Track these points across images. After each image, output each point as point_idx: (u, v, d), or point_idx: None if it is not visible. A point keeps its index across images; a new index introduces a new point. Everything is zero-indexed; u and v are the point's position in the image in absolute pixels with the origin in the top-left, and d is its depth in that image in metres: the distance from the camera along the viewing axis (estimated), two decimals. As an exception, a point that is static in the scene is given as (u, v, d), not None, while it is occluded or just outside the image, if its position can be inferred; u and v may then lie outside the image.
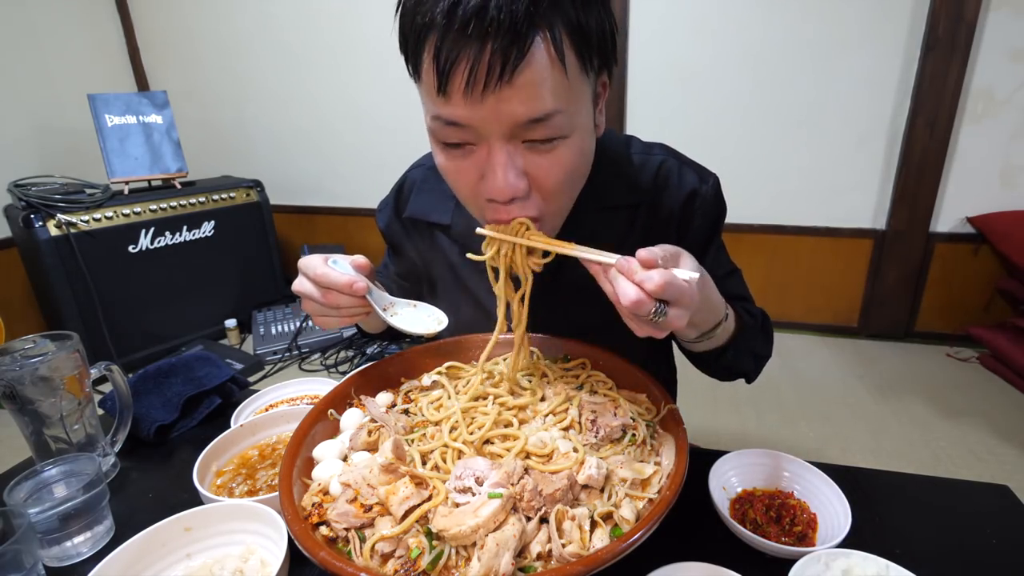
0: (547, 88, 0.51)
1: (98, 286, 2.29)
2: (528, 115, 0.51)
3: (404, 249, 0.89)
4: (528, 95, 0.50)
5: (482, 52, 0.48)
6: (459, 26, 0.47)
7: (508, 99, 0.50)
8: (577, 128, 0.56)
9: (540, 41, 0.49)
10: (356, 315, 0.66)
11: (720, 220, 0.78)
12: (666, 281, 0.46)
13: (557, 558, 0.48)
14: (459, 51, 0.48)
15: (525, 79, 0.49)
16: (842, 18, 2.16)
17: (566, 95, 0.52)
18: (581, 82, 0.54)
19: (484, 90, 0.49)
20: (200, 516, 0.60)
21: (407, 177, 0.87)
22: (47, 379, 0.69)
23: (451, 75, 0.50)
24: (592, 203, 0.71)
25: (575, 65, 0.52)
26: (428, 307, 0.69)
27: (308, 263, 0.63)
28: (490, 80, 0.49)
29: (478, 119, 0.52)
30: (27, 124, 2.66)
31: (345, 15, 2.73)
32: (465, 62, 0.49)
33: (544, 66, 0.50)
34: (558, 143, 0.55)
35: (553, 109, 0.52)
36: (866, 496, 0.67)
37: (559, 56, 0.50)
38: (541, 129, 0.53)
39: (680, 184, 0.74)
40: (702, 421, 1.98)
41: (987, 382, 2.16)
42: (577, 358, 0.74)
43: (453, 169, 0.59)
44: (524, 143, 0.54)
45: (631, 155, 0.75)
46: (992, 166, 2.20)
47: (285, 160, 3.16)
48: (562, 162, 0.56)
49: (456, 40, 0.48)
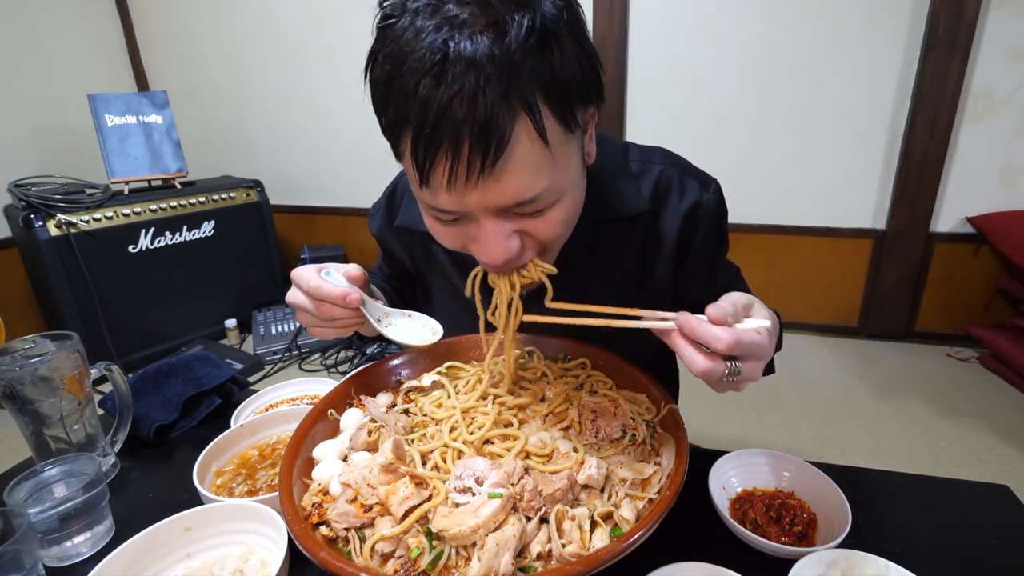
0: (531, 171, 0.49)
1: (98, 286, 2.29)
2: (514, 199, 0.50)
3: (397, 255, 0.88)
4: (512, 182, 0.48)
5: (460, 149, 0.45)
6: (432, 126, 0.45)
7: (492, 189, 0.48)
8: (567, 188, 0.54)
9: (520, 127, 0.46)
10: (351, 326, 0.66)
11: (724, 228, 0.77)
12: (736, 340, 0.45)
13: (557, 558, 0.48)
14: (436, 150, 0.46)
15: (508, 168, 0.47)
16: (842, 17, 2.16)
17: (551, 169, 0.50)
18: (566, 144, 0.52)
19: (467, 183, 0.47)
20: (200, 516, 0.60)
21: (398, 182, 0.86)
22: (47, 379, 0.69)
23: (431, 173, 0.48)
24: (590, 217, 0.69)
25: (558, 133, 0.49)
26: (423, 317, 0.68)
27: (301, 275, 0.62)
28: (471, 176, 0.47)
29: (464, 207, 0.51)
30: (27, 124, 2.66)
31: (345, 15, 2.73)
32: (444, 161, 0.46)
33: (526, 150, 0.47)
34: (549, 208, 0.54)
35: (539, 191, 0.50)
36: (866, 496, 0.67)
37: (540, 135, 0.47)
38: (530, 206, 0.52)
39: (681, 195, 0.72)
40: (702, 421, 1.98)
41: (987, 382, 2.16)
42: (577, 358, 0.74)
43: (444, 234, 0.58)
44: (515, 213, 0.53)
45: (629, 164, 0.73)
46: (992, 166, 2.20)
47: (285, 160, 3.16)
48: (554, 221, 0.55)
49: (431, 139, 0.45)
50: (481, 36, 0.44)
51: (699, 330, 0.46)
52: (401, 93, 0.46)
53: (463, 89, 0.43)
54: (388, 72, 0.47)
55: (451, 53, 0.43)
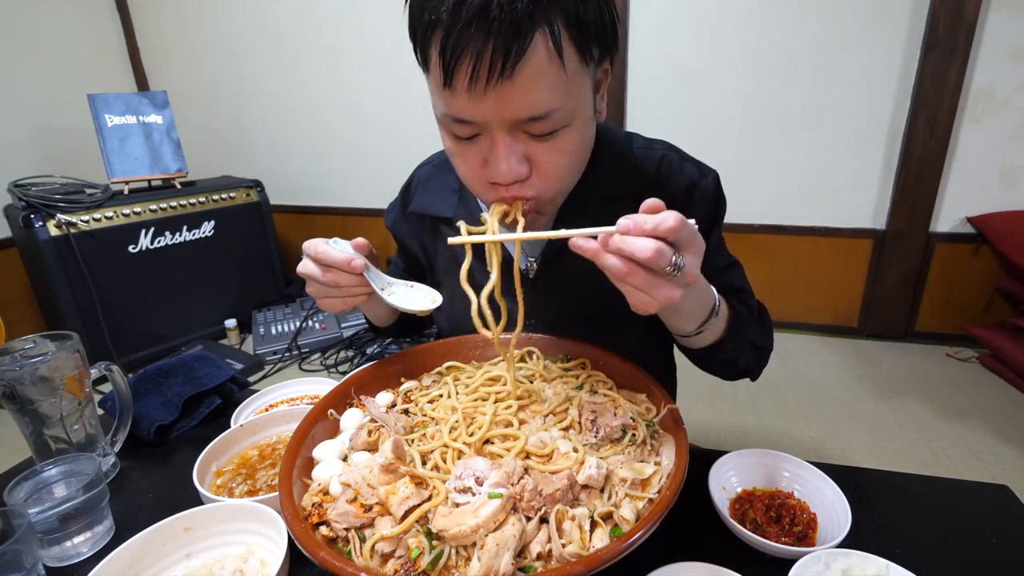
0: (546, 85, 0.53)
1: (98, 286, 2.29)
2: (528, 112, 0.54)
3: (409, 245, 0.90)
4: (528, 92, 0.52)
5: (484, 48, 0.50)
6: (463, 23, 0.49)
7: (509, 95, 0.52)
8: (577, 118, 0.58)
9: (539, 37, 0.50)
10: (357, 295, 0.69)
11: (720, 214, 0.78)
12: (679, 218, 0.46)
13: (557, 558, 0.48)
14: (463, 47, 0.50)
15: (525, 76, 0.51)
16: (842, 18, 2.16)
17: (565, 91, 0.54)
18: (581, 74, 0.56)
19: (486, 86, 0.51)
20: (200, 516, 0.60)
21: (414, 175, 0.90)
22: (47, 379, 0.69)
23: (456, 71, 0.51)
24: (595, 193, 0.72)
25: (574, 59, 0.54)
26: (424, 287, 0.71)
27: (310, 244, 0.66)
28: (491, 76, 0.51)
29: (481, 114, 0.54)
30: (27, 124, 2.66)
31: (345, 15, 2.73)
32: (468, 58, 0.50)
33: (543, 63, 0.51)
34: (559, 132, 0.57)
35: (552, 107, 0.54)
36: (866, 496, 0.67)
37: (558, 52, 0.52)
38: (541, 124, 0.55)
39: (681, 176, 0.75)
40: (702, 421, 1.98)
41: (987, 382, 2.16)
42: (577, 358, 0.74)
43: (460, 154, 0.61)
44: (526, 133, 0.56)
45: (633, 149, 0.76)
46: (992, 166, 2.20)
47: (285, 160, 3.16)
48: (562, 149, 0.59)
49: (460, 36, 0.50)
50: None
51: (647, 223, 0.46)
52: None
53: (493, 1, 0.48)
54: None
55: None
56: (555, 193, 0.64)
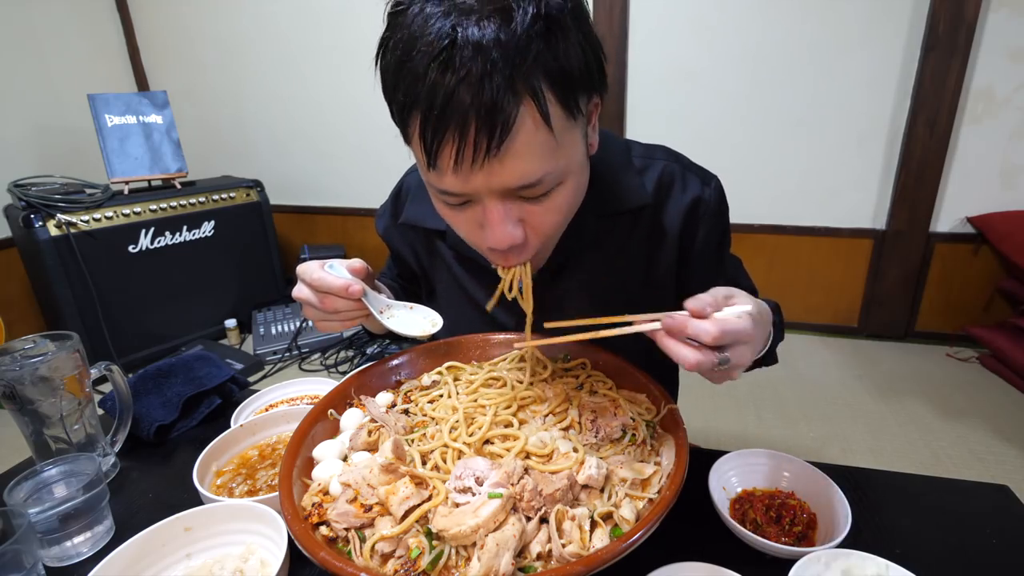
0: (535, 154, 0.50)
1: (98, 286, 2.29)
2: (519, 183, 0.52)
3: (402, 253, 0.89)
4: (516, 165, 0.50)
5: (466, 131, 0.47)
6: (441, 106, 0.46)
7: (497, 171, 0.50)
8: (570, 173, 0.56)
9: (524, 110, 0.48)
10: (355, 318, 0.67)
11: (726, 224, 0.78)
12: (721, 331, 0.46)
13: (557, 558, 0.48)
14: (444, 131, 0.47)
15: (512, 150, 0.49)
16: (842, 18, 2.16)
17: (555, 154, 0.52)
18: (570, 130, 0.53)
19: (472, 165, 0.49)
20: (200, 516, 0.60)
21: (403, 182, 0.88)
22: (47, 379, 0.69)
23: (439, 154, 0.49)
24: (594, 210, 0.71)
25: (562, 118, 0.51)
26: (424, 309, 0.70)
27: (305, 269, 0.64)
28: (477, 156, 0.48)
29: (470, 189, 0.53)
30: (27, 124, 2.66)
31: (345, 15, 2.73)
32: (451, 141, 0.48)
33: (531, 134, 0.49)
34: (552, 192, 0.56)
35: (543, 174, 0.52)
36: (866, 496, 0.67)
37: (545, 120, 0.49)
38: (534, 190, 0.54)
39: (683, 190, 0.74)
40: (702, 421, 1.98)
41: (987, 382, 2.16)
42: (577, 358, 0.74)
43: (452, 218, 0.60)
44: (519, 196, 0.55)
45: (632, 160, 0.75)
46: (992, 166, 2.20)
47: (285, 160, 3.16)
48: (557, 208, 0.57)
49: (440, 121, 0.47)
50: (488, 22, 0.45)
51: (687, 327, 0.47)
52: (410, 77, 0.47)
53: (470, 73, 0.45)
54: (399, 57, 0.48)
55: (459, 39, 0.45)
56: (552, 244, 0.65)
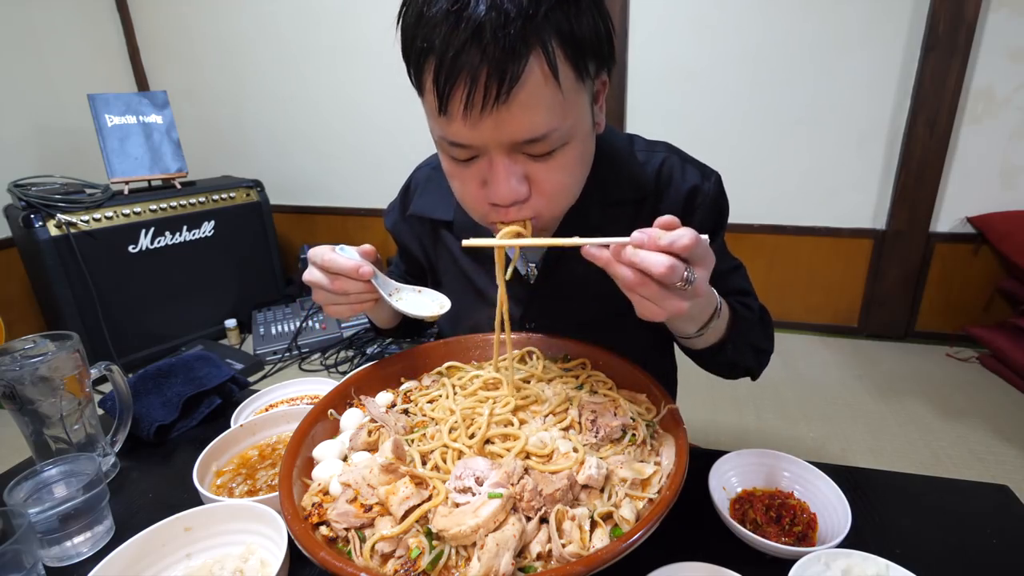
0: (543, 107, 0.52)
1: (98, 286, 2.29)
2: (525, 135, 0.53)
3: (410, 247, 0.90)
4: (524, 115, 0.51)
5: (478, 75, 0.49)
6: (456, 50, 0.48)
7: (505, 120, 0.51)
8: (576, 135, 0.57)
9: (534, 60, 0.49)
10: (364, 302, 0.68)
11: (723, 217, 0.78)
12: (694, 236, 0.46)
13: (557, 558, 0.48)
14: (457, 74, 0.49)
15: (521, 100, 0.50)
16: (842, 18, 2.16)
17: (562, 111, 0.53)
18: (578, 91, 0.55)
19: (482, 111, 0.50)
20: (200, 516, 0.60)
21: (413, 177, 0.90)
22: (47, 379, 0.69)
23: (450, 97, 0.51)
24: (596, 198, 0.72)
25: (570, 77, 0.53)
26: (432, 292, 0.71)
27: (316, 252, 0.65)
28: (487, 102, 0.50)
29: (478, 137, 0.54)
30: (27, 124, 2.66)
31: (345, 15, 2.73)
32: (463, 85, 0.50)
33: (539, 85, 0.51)
34: (557, 151, 0.57)
35: (550, 129, 0.53)
36: (866, 496, 0.67)
37: (554, 73, 0.51)
38: (540, 145, 0.55)
39: (683, 180, 0.75)
40: (702, 421, 1.98)
41: (987, 382, 2.16)
42: (577, 358, 0.74)
43: (458, 176, 0.61)
44: (525, 154, 0.56)
45: (635, 152, 0.76)
46: (992, 166, 2.20)
47: (285, 160, 3.16)
48: (562, 167, 0.58)
49: (453, 64, 0.49)
50: None
51: (662, 239, 0.47)
52: (429, 24, 0.50)
53: (484, 22, 0.47)
54: (418, 9, 0.51)
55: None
56: (555, 211, 0.64)
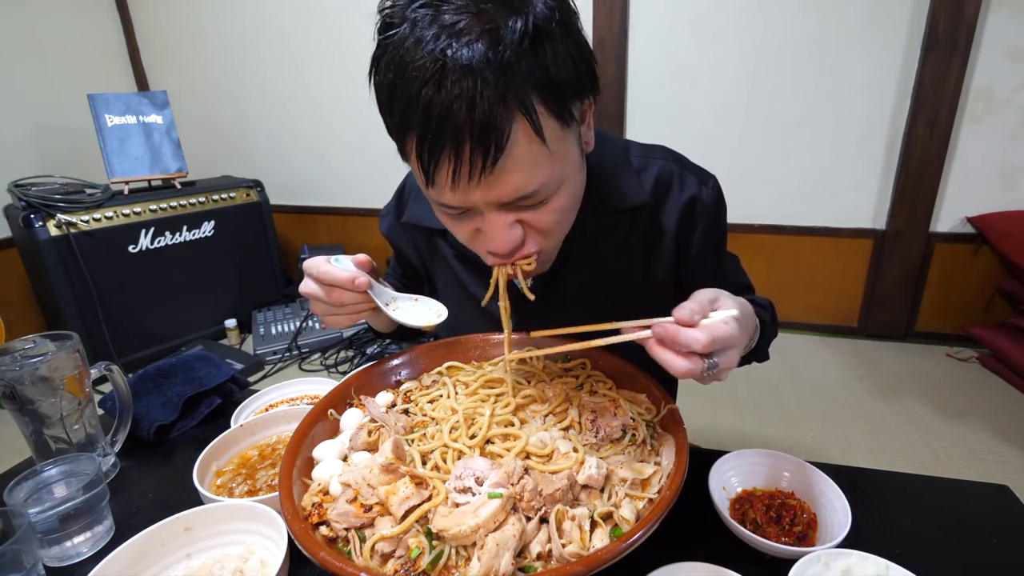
0: (530, 167, 0.51)
1: (98, 286, 2.29)
2: (515, 195, 0.53)
3: (405, 252, 0.90)
4: (512, 178, 0.51)
5: (461, 151, 0.48)
6: (436, 129, 0.47)
7: (494, 185, 0.51)
8: (566, 179, 0.57)
9: (517, 127, 0.48)
10: (362, 311, 0.68)
11: (723, 223, 0.78)
12: (710, 339, 0.46)
13: (557, 558, 0.48)
14: (440, 152, 0.49)
15: (508, 166, 0.50)
16: (842, 18, 2.16)
17: (550, 164, 0.53)
18: (564, 139, 0.54)
19: (469, 182, 0.50)
20: (200, 516, 0.60)
21: (406, 182, 0.89)
22: (47, 379, 0.69)
23: (436, 173, 0.50)
24: (593, 208, 0.71)
25: (555, 129, 0.52)
26: (429, 300, 0.70)
27: (311, 263, 0.65)
28: (472, 174, 0.49)
29: (468, 203, 0.54)
30: (27, 124, 2.66)
31: (345, 15, 2.73)
32: (447, 163, 0.49)
33: (524, 148, 0.50)
34: (550, 198, 0.57)
35: (539, 185, 0.53)
36: (866, 496, 0.67)
37: (538, 133, 0.50)
38: (530, 200, 0.55)
39: (681, 189, 0.74)
40: (702, 421, 1.98)
41: (987, 382, 2.16)
42: (577, 358, 0.74)
43: (454, 227, 0.61)
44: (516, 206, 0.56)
45: (631, 159, 0.75)
46: (992, 166, 2.20)
47: (285, 160, 3.16)
48: (555, 210, 0.58)
49: (435, 143, 0.48)
50: (477, 43, 0.46)
51: (678, 337, 0.47)
52: (404, 99, 0.48)
53: (462, 94, 0.46)
54: (391, 79, 0.50)
55: (449, 61, 0.46)
56: (554, 244, 0.65)
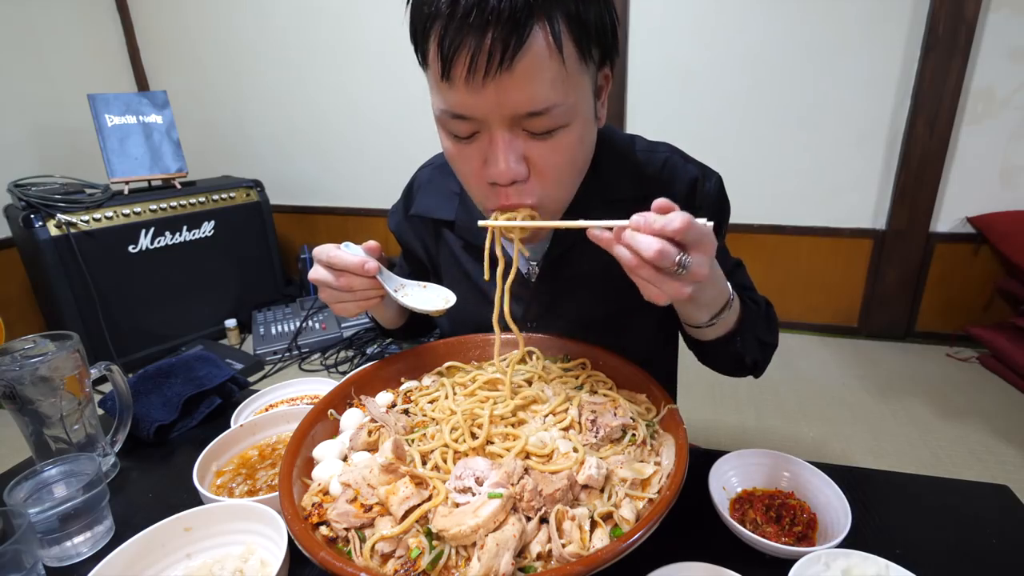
0: (545, 79, 0.52)
1: (98, 286, 2.29)
2: (527, 106, 0.53)
3: (412, 247, 0.91)
4: (526, 85, 0.52)
5: (483, 40, 0.50)
6: (461, 15, 0.49)
7: (507, 88, 0.52)
8: (577, 118, 0.57)
9: (538, 30, 0.51)
10: (370, 298, 0.69)
11: (724, 217, 0.78)
12: (686, 219, 0.46)
13: (557, 558, 0.48)
14: (461, 39, 0.50)
15: (523, 67, 0.51)
16: (842, 18, 2.16)
17: (564, 87, 0.54)
18: (580, 73, 0.56)
19: (485, 77, 0.51)
20: (200, 516, 0.60)
21: (415, 178, 0.90)
22: (47, 379, 0.69)
23: (454, 62, 0.52)
24: (598, 196, 0.72)
25: (574, 55, 0.54)
26: (437, 287, 0.71)
27: (321, 250, 0.66)
28: (490, 67, 0.50)
29: (480, 107, 0.54)
30: (27, 124, 2.66)
31: (345, 15, 2.73)
32: (467, 50, 0.50)
33: (543, 55, 0.51)
34: (558, 131, 0.57)
35: (551, 103, 0.54)
36: (866, 496, 0.67)
37: (558, 46, 0.52)
38: (541, 121, 0.55)
39: (684, 181, 0.75)
40: (702, 421, 1.98)
41: (987, 382, 2.16)
42: (577, 358, 0.74)
43: (458, 155, 0.61)
44: (525, 131, 0.56)
45: (636, 151, 0.76)
46: (992, 166, 2.20)
47: (285, 160, 3.16)
48: (561, 149, 0.58)
49: (459, 29, 0.50)
50: None
51: (654, 221, 0.46)
52: None
53: None
54: None
55: None
56: (556, 199, 0.64)
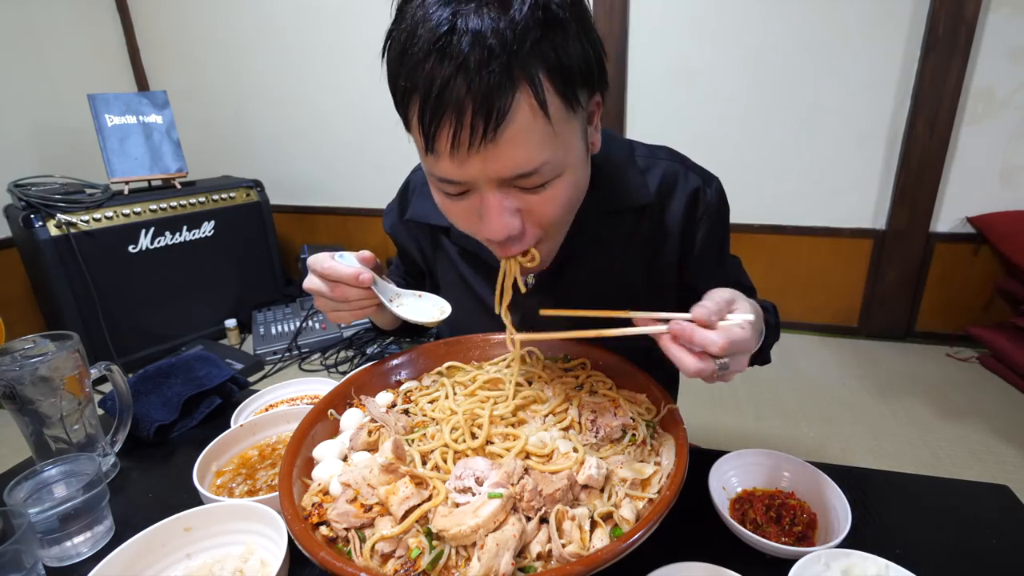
0: (532, 142, 0.51)
1: (98, 286, 2.29)
2: (515, 171, 0.52)
3: (408, 250, 0.90)
4: (513, 152, 0.50)
5: (463, 115, 0.48)
6: (439, 89, 0.47)
7: (494, 157, 0.50)
8: (568, 166, 0.56)
9: (521, 98, 0.48)
10: (365, 307, 0.68)
11: (726, 224, 0.79)
12: (728, 342, 0.47)
13: (557, 558, 0.48)
14: (442, 113, 0.48)
15: (509, 136, 0.49)
16: (842, 18, 2.16)
17: (552, 144, 0.52)
18: (568, 122, 0.53)
19: (469, 149, 0.49)
20: (200, 516, 0.60)
21: (410, 179, 0.89)
22: (47, 379, 0.69)
23: (436, 136, 0.50)
24: (596, 208, 0.71)
25: (560, 109, 0.51)
26: (432, 297, 0.71)
27: (315, 259, 0.65)
28: (474, 140, 0.49)
29: (467, 175, 0.53)
30: (27, 124, 2.66)
31: (344, 15, 2.73)
32: (448, 124, 0.49)
33: (527, 120, 0.49)
34: (550, 183, 0.56)
35: (539, 163, 0.52)
36: (866, 496, 0.67)
37: (542, 107, 0.49)
38: (531, 179, 0.54)
39: (685, 190, 0.74)
40: (702, 421, 1.98)
41: (987, 382, 2.16)
42: (577, 358, 0.74)
43: (451, 210, 0.60)
44: (516, 187, 0.55)
45: (635, 159, 0.75)
46: (992, 166, 2.20)
47: (285, 160, 3.16)
48: (555, 199, 0.57)
49: (438, 104, 0.48)
50: (487, 11, 0.47)
51: (694, 337, 0.47)
52: (411, 63, 0.49)
53: (468, 59, 0.46)
54: (401, 46, 0.50)
55: (458, 26, 0.47)
56: (554, 236, 0.64)
